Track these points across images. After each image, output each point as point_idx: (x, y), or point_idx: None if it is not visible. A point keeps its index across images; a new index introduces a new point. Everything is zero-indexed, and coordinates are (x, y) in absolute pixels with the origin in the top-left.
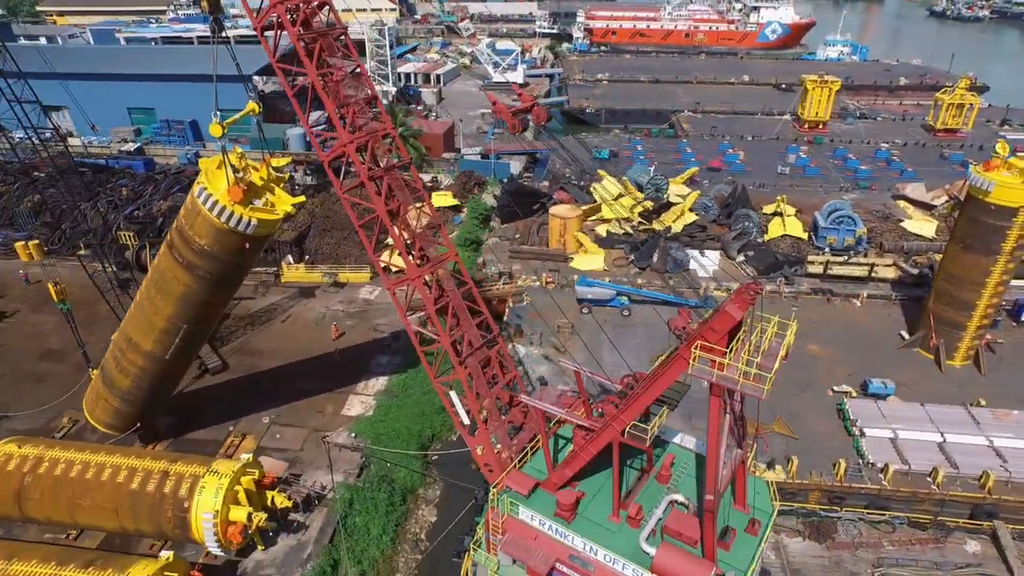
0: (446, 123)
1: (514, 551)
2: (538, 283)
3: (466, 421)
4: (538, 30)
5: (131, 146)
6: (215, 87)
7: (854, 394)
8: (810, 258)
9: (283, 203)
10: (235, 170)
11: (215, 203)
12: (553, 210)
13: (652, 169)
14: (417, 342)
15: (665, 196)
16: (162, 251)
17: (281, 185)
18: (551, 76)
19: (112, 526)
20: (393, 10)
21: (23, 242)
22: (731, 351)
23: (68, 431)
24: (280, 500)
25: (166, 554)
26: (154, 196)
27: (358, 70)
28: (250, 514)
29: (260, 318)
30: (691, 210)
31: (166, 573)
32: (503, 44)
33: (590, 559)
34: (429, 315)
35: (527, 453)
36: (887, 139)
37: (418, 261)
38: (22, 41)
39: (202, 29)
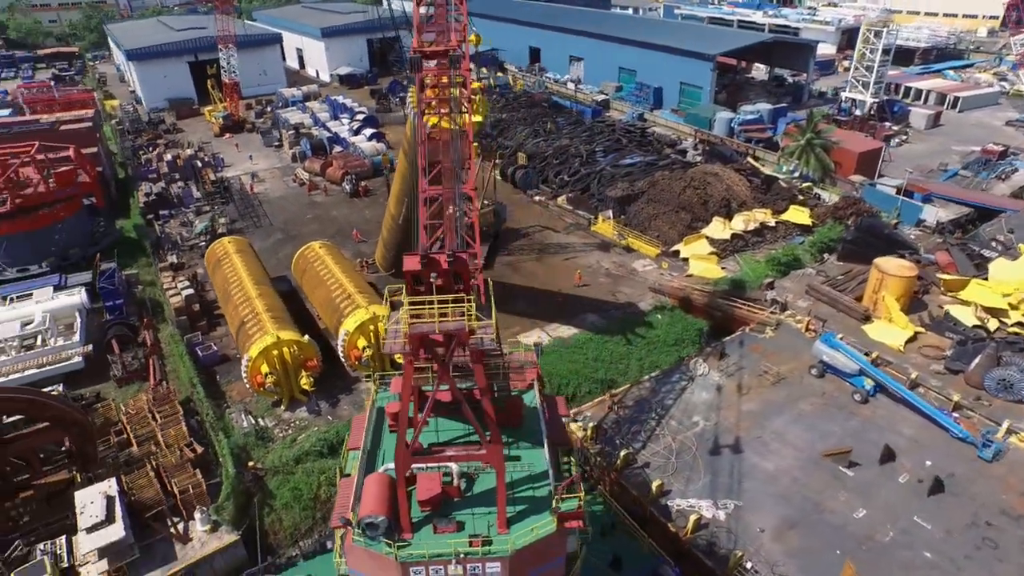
0: (875, 144)
1: (355, 422)
2: (799, 325)
3: None
4: None
5: (600, 96)
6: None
7: None
8: None
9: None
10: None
11: (408, 105)
12: (878, 260)
13: None
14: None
15: None
16: None
17: (475, 106)
18: None
19: (320, 314)
20: (995, 18)
21: None
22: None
23: (373, 264)
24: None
25: (307, 337)
26: (555, 136)
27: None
28: (365, 347)
29: (550, 248)
30: None
31: (297, 347)
32: None
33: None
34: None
35: None
36: None
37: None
38: (616, 10)
39: (743, 13)
